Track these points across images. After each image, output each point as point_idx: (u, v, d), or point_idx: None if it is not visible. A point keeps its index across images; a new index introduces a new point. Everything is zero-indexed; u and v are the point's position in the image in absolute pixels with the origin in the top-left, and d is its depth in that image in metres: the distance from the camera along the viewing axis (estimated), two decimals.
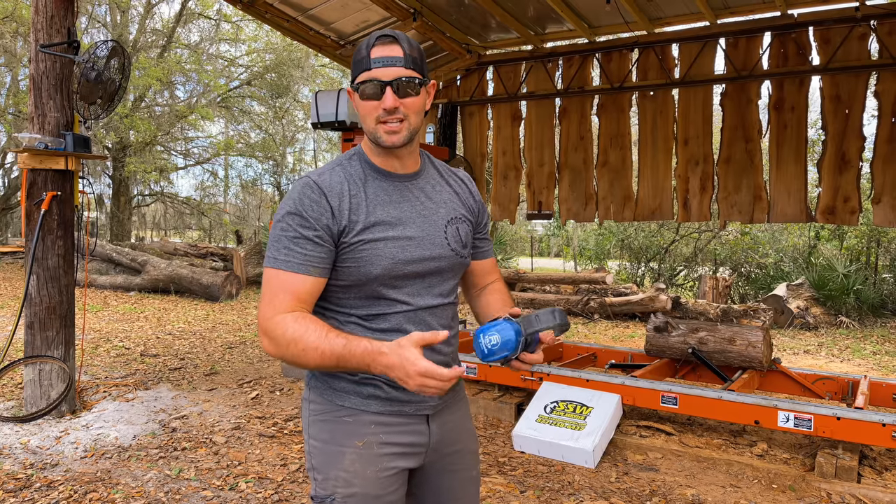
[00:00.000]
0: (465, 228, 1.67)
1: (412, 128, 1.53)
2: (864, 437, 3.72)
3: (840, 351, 8.10)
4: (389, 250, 1.52)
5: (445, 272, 1.63)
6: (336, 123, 5.66)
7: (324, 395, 1.60)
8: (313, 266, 1.49)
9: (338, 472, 1.55)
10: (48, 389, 4.43)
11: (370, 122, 1.52)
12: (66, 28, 4.47)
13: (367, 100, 1.51)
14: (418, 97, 1.52)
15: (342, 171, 1.57)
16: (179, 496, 3.40)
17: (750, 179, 6.09)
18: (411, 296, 1.57)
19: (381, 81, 1.48)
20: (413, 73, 1.50)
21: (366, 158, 1.60)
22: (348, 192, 1.53)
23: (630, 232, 15.00)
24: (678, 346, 5.04)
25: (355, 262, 1.51)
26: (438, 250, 1.59)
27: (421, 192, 1.63)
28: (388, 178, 1.59)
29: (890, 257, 11.99)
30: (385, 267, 1.52)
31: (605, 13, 6.15)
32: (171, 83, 17.73)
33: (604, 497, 3.55)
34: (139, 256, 12.17)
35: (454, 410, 1.72)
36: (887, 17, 5.44)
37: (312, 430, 1.61)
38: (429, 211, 1.61)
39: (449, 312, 1.66)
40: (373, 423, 1.57)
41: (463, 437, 1.73)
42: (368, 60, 1.49)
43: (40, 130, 4.39)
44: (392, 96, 1.48)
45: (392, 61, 1.48)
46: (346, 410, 1.57)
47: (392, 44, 1.50)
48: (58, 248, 4.47)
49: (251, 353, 7.00)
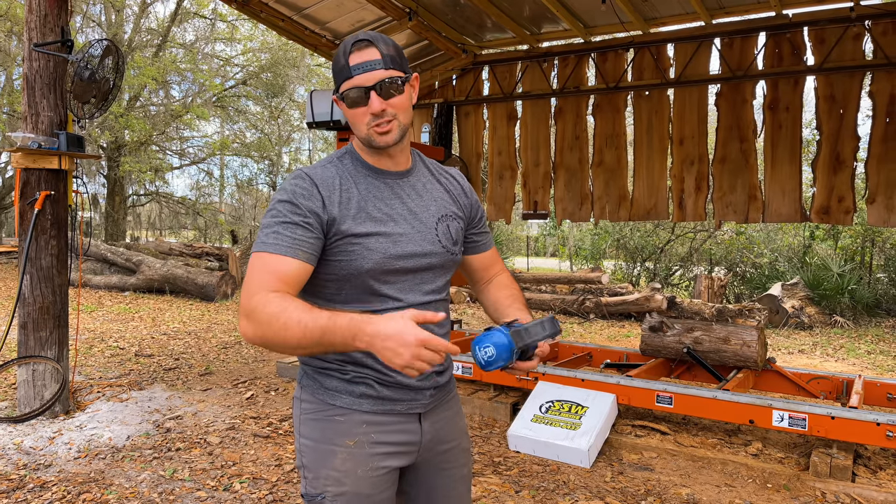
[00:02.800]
0: (456, 226, 1.68)
1: (402, 125, 1.55)
2: (858, 437, 3.73)
3: (835, 350, 8.12)
4: (381, 245, 1.53)
5: (436, 269, 1.63)
6: (331, 123, 5.64)
7: (315, 395, 1.60)
8: (301, 250, 1.46)
9: (328, 471, 1.55)
10: (42, 390, 4.41)
11: (361, 127, 1.54)
12: (60, 27, 4.45)
13: (353, 107, 1.52)
14: (403, 95, 1.53)
15: (334, 167, 1.58)
16: (173, 497, 3.39)
17: (745, 179, 6.10)
18: (402, 292, 1.58)
19: (364, 87, 1.49)
20: (394, 73, 1.51)
21: (357, 156, 1.62)
22: (339, 187, 1.54)
23: (626, 232, 15.01)
24: (673, 346, 5.05)
25: (346, 257, 1.52)
26: (430, 247, 1.60)
27: (412, 190, 1.64)
28: (379, 175, 1.61)
29: (884, 257, 12.03)
30: (376, 262, 1.52)
31: (600, 13, 6.16)
32: (166, 82, 17.69)
33: (599, 497, 3.55)
34: (134, 256, 12.13)
35: (446, 408, 1.72)
36: (882, 17, 5.45)
37: (304, 428, 1.61)
38: (420, 208, 1.63)
39: (442, 308, 1.67)
40: (364, 422, 1.57)
41: (455, 434, 1.74)
42: (348, 69, 1.50)
43: (34, 130, 4.37)
44: (378, 100, 1.50)
45: (371, 65, 1.49)
46: (337, 409, 1.57)
47: (368, 48, 1.51)
48: (51, 247, 4.45)
49: (246, 353, 6.99)
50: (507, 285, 1.81)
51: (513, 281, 1.83)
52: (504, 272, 1.86)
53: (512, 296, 1.77)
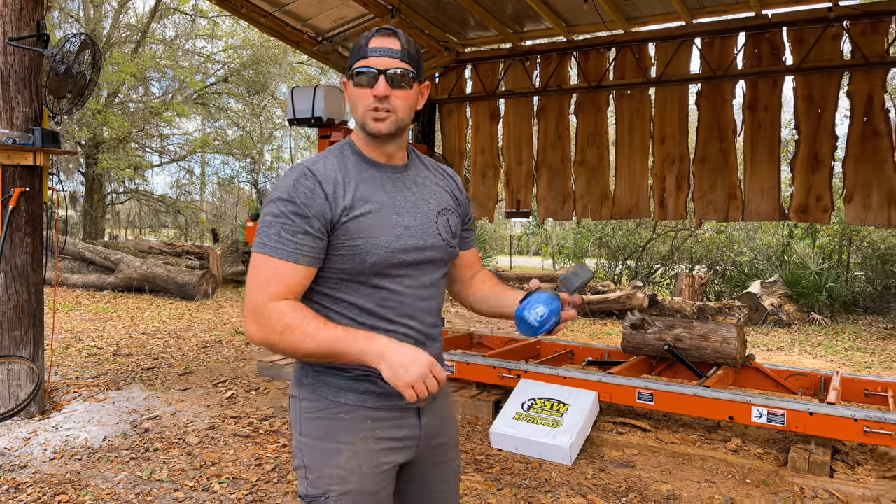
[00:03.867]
0: (454, 220, 1.70)
1: (399, 120, 1.55)
2: (836, 433, 3.77)
3: (812, 347, 8.22)
4: (385, 239, 1.53)
5: (437, 262, 1.64)
6: (312, 120, 5.61)
7: (318, 392, 1.58)
8: (303, 255, 1.48)
9: (332, 470, 1.54)
10: (17, 390, 4.34)
11: (360, 109, 1.54)
12: (36, 21, 4.38)
13: (360, 87, 1.53)
14: (410, 91, 1.54)
15: (336, 159, 1.58)
16: (151, 498, 3.34)
17: (725, 178, 6.15)
18: (403, 285, 1.58)
19: (376, 70, 1.50)
20: (408, 67, 1.53)
21: (356, 149, 1.62)
22: (342, 180, 1.53)
23: (608, 230, 15.09)
24: (654, 343, 5.08)
25: (350, 251, 1.51)
26: (431, 240, 1.61)
27: (413, 183, 1.64)
28: (379, 168, 1.61)
29: (861, 255, 12.20)
30: (380, 256, 1.52)
31: (582, 12, 6.17)
32: (145, 79, 17.46)
33: (580, 494, 3.56)
34: (112, 255, 11.97)
35: (440, 402, 1.74)
36: (860, 18, 5.51)
37: (304, 427, 1.59)
38: (421, 201, 1.63)
39: (438, 303, 1.68)
40: (369, 418, 1.57)
41: (447, 428, 1.75)
42: (366, 49, 1.52)
43: (8, 125, 4.30)
44: (384, 84, 1.50)
45: (389, 52, 1.51)
46: (342, 407, 1.56)
47: (391, 36, 1.53)
48: (26, 245, 4.37)
49: (227, 352, 6.92)
50: (491, 277, 1.87)
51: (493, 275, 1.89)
52: (484, 269, 1.89)
53: (501, 283, 1.83)
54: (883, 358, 7.61)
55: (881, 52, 5.45)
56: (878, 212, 5.55)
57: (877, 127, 5.51)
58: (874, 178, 5.54)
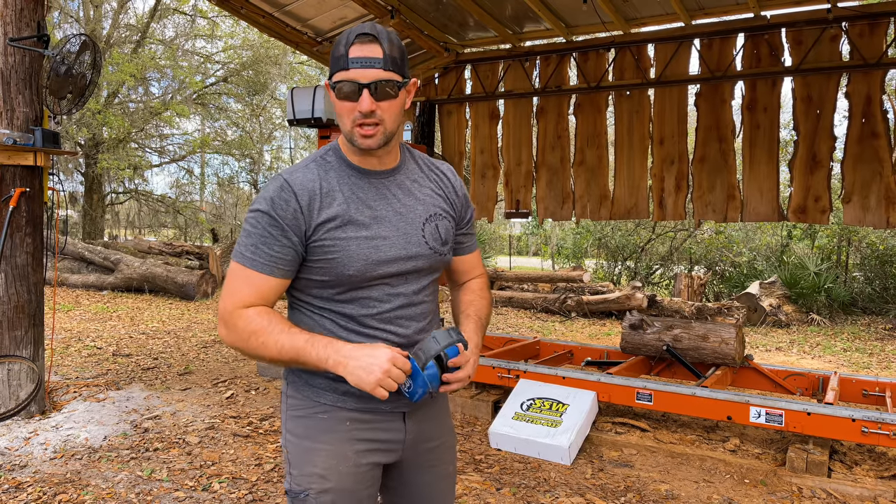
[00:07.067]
0: (444, 225, 1.65)
1: (388, 131, 1.50)
2: (834, 433, 3.78)
3: (811, 348, 8.23)
4: (363, 251, 1.51)
5: (423, 271, 1.61)
6: (312, 120, 5.62)
7: (301, 391, 1.60)
8: (277, 268, 1.50)
9: (312, 469, 1.55)
10: (17, 390, 4.35)
11: (347, 122, 1.49)
12: (36, 21, 4.39)
13: (343, 100, 1.47)
14: (396, 99, 1.48)
15: (317, 167, 1.55)
16: (151, 497, 3.35)
17: (724, 179, 6.16)
18: (386, 293, 1.56)
19: (358, 83, 1.44)
20: (392, 76, 1.46)
21: (342, 155, 1.58)
22: (320, 191, 1.51)
23: (607, 231, 15.11)
24: (653, 344, 5.09)
25: (328, 263, 1.50)
26: (416, 249, 1.58)
27: (399, 190, 1.60)
28: (364, 175, 1.57)
29: (860, 256, 12.22)
30: (358, 268, 1.51)
31: (581, 13, 6.18)
32: (145, 79, 17.47)
33: (579, 493, 3.57)
34: (112, 255, 11.98)
35: (432, 406, 1.71)
36: (859, 19, 5.52)
37: (289, 424, 1.62)
38: (406, 209, 1.59)
39: (425, 309, 1.64)
40: (348, 419, 1.57)
41: (441, 432, 1.73)
42: (346, 59, 1.44)
43: (9, 125, 4.31)
44: (369, 99, 1.44)
45: (370, 62, 1.44)
46: (321, 407, 1.57)
47: (372, 43, 1.45)
48: (26, 245, 4.38)
49: (226, 352, 6.93)
50: (472, 290, 1.79)
51: (482, 287, 1.81)
52: (480, 277, 1.83)
53: (469, 302, 1.76)
54: (881, 358, 7.62)
55: (880, 53, 5.47)
56: (877, 212, 5.56)
57: (875, 128, 5.52)
58: (872, 179, 5.55)
